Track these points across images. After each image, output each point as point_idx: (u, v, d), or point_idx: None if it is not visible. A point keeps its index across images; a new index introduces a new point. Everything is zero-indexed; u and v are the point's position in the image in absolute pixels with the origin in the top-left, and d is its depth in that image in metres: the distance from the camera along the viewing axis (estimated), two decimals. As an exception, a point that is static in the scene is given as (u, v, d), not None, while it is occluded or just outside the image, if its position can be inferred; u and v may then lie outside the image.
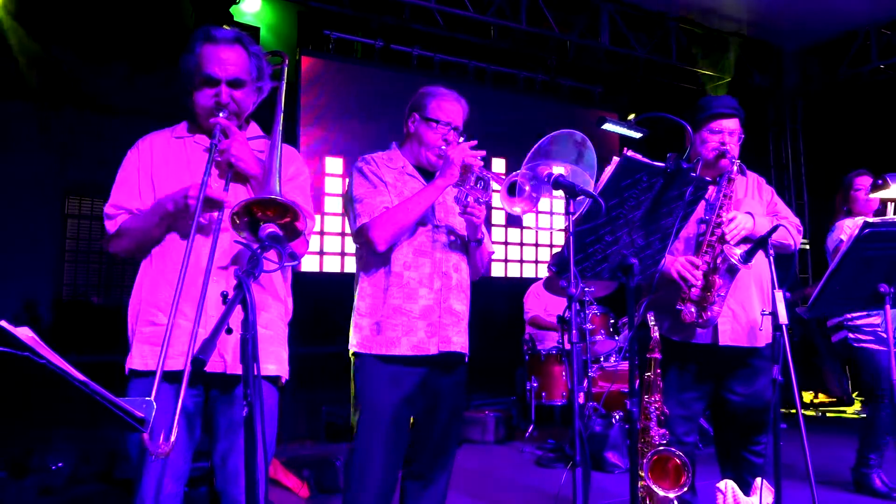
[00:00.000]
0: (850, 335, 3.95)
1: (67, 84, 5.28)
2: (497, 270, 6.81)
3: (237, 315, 1.47)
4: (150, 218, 1.96)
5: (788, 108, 8.13)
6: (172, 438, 1.54)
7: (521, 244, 7.02)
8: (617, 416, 4.78)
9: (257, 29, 5.51)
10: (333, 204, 5.90)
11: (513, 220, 6.90)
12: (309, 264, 5.77)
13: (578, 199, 2.08)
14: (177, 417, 1.55)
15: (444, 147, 2.41)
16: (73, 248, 5.67)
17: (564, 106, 7.39)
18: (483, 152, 2.33)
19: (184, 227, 1.95)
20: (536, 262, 7.08)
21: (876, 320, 3.82)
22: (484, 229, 2.49)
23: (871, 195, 3.84)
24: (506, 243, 6.88)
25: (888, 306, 2.50)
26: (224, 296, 1.46)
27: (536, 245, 7.11)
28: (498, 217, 6.77)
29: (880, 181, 3.71)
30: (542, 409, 5.47)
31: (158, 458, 1.57)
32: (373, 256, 2.40)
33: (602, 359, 5.40)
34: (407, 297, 2.36)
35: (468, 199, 2.34)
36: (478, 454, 5.09)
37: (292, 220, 1.65)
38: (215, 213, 1.88)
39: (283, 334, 2.11)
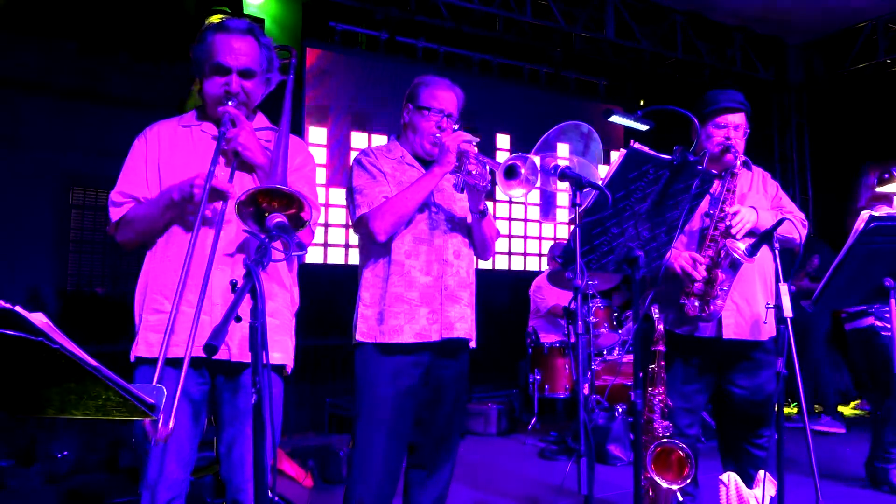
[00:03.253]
0: (878, 322, 3.89)
1: (71, 74, 5.27)
2: (500, 263, 6.81)
3: (245, 303, 1.48)
4: (155, 206, 1.97)
5: (794, 102, 8.10)
6: (171, 424, 1.53)
7: (525, 237, 7.02)
8: (620, 409, 4.79)
9: (262, 20, 5.50)
10: (338, 195, 5.90)
11: (516, 213, 6.90)
12: (313, 256, 5.78)
13: (584, 190, 2.08)
14: (176, 401, 1.54)
15: (437, 134, 2.41)
16: (78, 238, 5.67)
17: (569, 99, 7.36)
18: (477, 139, 2.32)
19: (188, 217, 1.96)
20: (540, 254, 7.08)
21: None
22: (487, 203, 2.47)
23: (878, 189, 3.82)
24: (509, 236, 6.88)
25: (893, 300, 2.50)
26: (233, 284, 1.47)
27: (540, 238, 7.10)
28: (502, 210, 6.77)
29: (886, 175, 3.70)
30: (544, 401, 5.48)
31: (157, 443, 1.57)
32: (374, 246, 2.41)
33: (605, 352, 5.40)
34: (407, 284, 2.37)
35: (465, 185, 2.35)
36: (480, 446, 5.11)
37: (297, 210, 1.65)
38: (219, 204, 1.89)
39: (288, 324, 2.12)
